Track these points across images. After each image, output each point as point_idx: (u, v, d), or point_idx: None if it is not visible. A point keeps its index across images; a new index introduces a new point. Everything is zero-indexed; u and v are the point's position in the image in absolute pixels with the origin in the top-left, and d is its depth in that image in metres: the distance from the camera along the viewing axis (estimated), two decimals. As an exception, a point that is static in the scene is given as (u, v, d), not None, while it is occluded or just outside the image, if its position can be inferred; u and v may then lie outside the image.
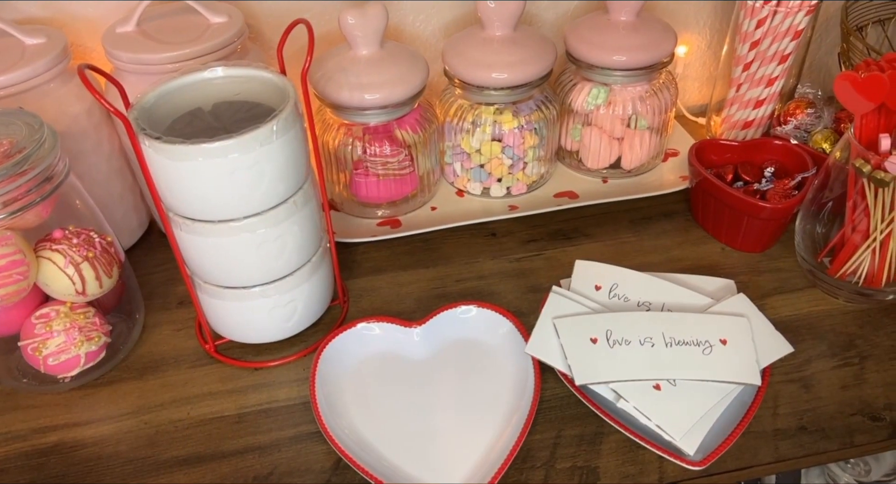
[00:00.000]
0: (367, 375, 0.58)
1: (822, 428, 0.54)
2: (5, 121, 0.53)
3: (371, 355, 0.59)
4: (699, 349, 0.55)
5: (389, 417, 0.55)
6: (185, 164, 0.48)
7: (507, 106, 0.71)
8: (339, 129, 0.69)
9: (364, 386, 0.57)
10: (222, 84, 0.55)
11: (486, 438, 0.53)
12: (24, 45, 0.61)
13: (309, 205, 0.56)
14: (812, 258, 0.65)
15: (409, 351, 0.60)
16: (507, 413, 0.55)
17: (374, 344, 0.60)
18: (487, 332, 0.60)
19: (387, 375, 0.58)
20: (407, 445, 0.53)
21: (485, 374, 0.58)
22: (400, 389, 0.57)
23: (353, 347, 0.59)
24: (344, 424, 0.54)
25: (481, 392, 0.56)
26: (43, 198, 0.52)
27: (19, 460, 0.54)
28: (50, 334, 0.55)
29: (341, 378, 0.57)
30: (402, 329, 0.60)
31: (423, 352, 0.60)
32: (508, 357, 0.58)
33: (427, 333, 0.60)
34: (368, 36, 0.65)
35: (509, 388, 0.56)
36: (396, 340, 0.60)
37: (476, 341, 0.60)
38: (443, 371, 0.58)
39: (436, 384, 0.57)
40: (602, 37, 0.71)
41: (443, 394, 0.57)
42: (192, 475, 0.52)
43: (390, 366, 0.59)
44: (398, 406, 0.56)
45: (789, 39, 0.72)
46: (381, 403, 0.56)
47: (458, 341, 0.60)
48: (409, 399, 0.56)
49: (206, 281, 0.57)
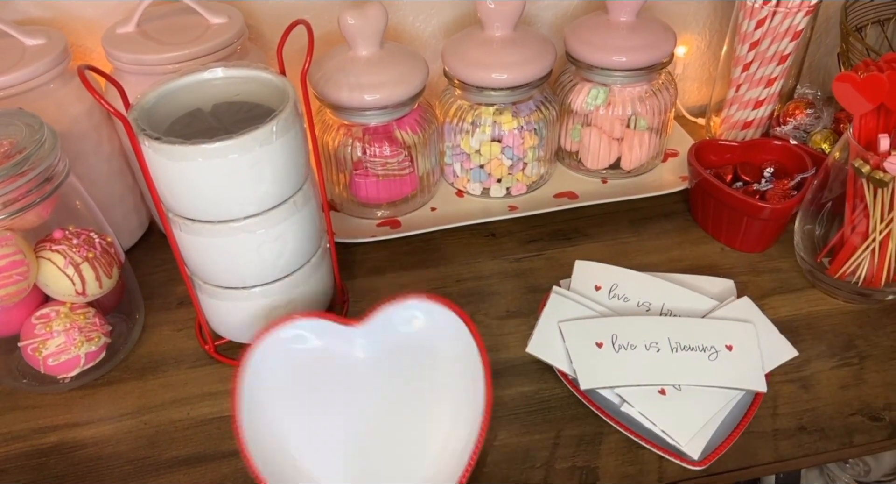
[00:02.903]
0: (299, 383, 0.52)
1: (822, 428, 0.54)
2: (5, 121, 0.53)
3: (304, 360, 0.52)
4: (705, 355, 0.55)
5: (322, 430, 0.51)
6: (185, 165, 0.48)
7: (506, 106, 0.71)
8: (338, 129, 0.69)
9: (295, 396, 0.52)
10: (222, 85, 0.55)
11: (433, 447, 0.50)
12: (25, 46, 0.61)
13: (309, 205, 0.56)
14: (811, 258, 0.65)
15: (347, 352, 0.52)
16: (453, 416, 0.51)
17: (308, 347, 0.52)
18: (433, 329, 0.52)
19: (322, 381, 0.52)
20: (346, 467, 0.50)
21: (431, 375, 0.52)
22: (335, 397, 0.52)
23: (281, 353, 0.52)
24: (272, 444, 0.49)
25: (427, 396, 0.52)
26: (43, 198, 0.52)
27: (19, 460, 0.54)
28: (50, 335, 0.55)
29: (269, 388, 0.51)
30: (339, 328, 0.52)
31: (363, 353, 0.52)
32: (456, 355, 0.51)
33: (367, 333, 0.52)
34: (368, 36, 0.65)
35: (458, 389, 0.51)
36: (333, 341, 0.52)
37: (421, 340, 0.52)
38: (384, 375, 0.53)
39: (376, 390, 0.52)
40: (602, 37, 0.71)
41: (384, 402, 0.52)
42: (193, 475, 0.52)
43: (326, 371, 0.52)
44: (333, 416, 0.51)
45: (789, 40, 0.72)
46: (314, 413, 0.51)
47: (400, 341, 0.52)
48: (345, 407, 0.52)
49: (206, 281, 0.57)
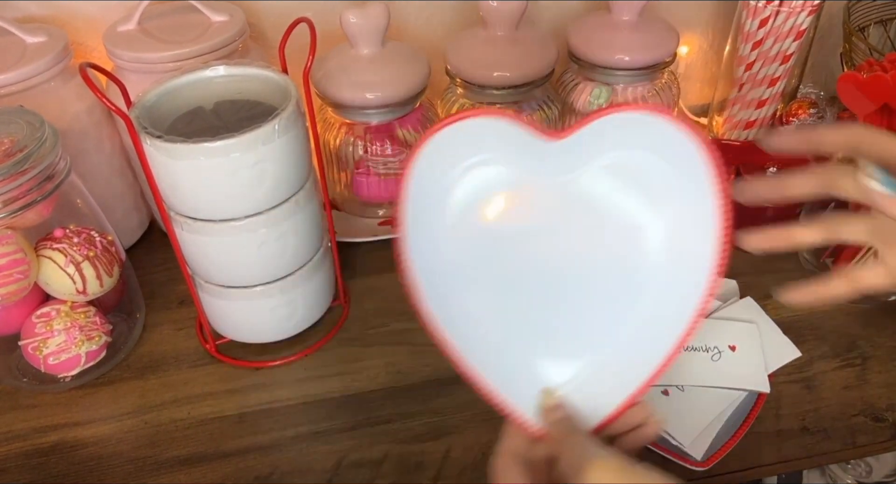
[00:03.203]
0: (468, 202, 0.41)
1: (825, 429, 0.54)
2: (6, 119, 0.53)
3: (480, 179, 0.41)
4: (708, 355, 0.55)
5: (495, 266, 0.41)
6: (187, 163, 0.48)
7: (508, 105, 0.71)
8: (340, 128, 0.69)
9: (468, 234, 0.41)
10: (224, 83, 0.55)
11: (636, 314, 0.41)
12: (25, 44, 0.61)
13: (310, 204, 0.56)
14: (815, 259, 0.64)
15: (539, 174, 0.41)
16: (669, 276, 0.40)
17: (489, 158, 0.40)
18: (656, 153, 0.39)
19: (499, 208, 0.41)
20: (519, 318, 0.42)
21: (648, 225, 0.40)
22: (518, 232, 0.41)
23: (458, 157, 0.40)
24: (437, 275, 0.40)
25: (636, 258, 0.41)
26: (44, 197, 0.52)
27: (20, 460, 0.54)
28: (50, 333, 0.55)
29: (436, 203, 0.40)
30: (529, 140, 0.39)
31: (559, 178, 0.41)
32: (684, 193, 0.39)
33: (570, 150, 0.40)
34: (370, 35, 0.65)
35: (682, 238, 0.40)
36: (519, 157, 0.40)
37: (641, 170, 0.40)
38: (587, 211, 0.41)
39: (571, 230, 0.41)
40: (604, 36, 0.71)
41: (579, 250, 0.41)
42: (193, 475, 0.52)
43: (510, 195, 0.41)
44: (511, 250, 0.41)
45: (792, 39, 0.72)
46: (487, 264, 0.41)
47: (609, 166, 0.40)
48: (528, 243, 0.41)
49: (207, 280, 0.57)
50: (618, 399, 0.41)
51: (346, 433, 0.55)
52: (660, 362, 0.40)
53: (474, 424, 0.55)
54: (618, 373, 0.41)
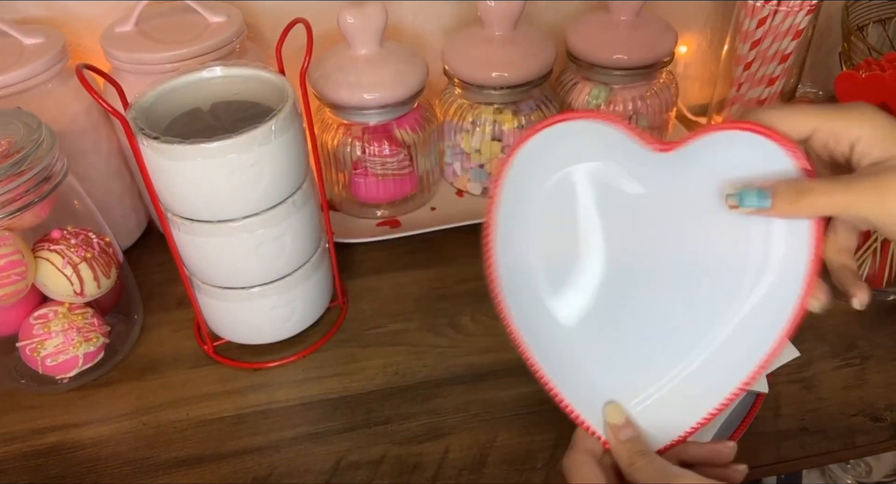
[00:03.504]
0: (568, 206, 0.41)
1: (824, 429, 0.54)
2: (3, 121, 0.53)
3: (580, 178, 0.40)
4: None
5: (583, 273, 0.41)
6: (184, 164, 0.48)
7: (507, 105, 0.71)
8: (338, 128, 0.69)
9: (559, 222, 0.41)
10: (221, 84, 0.54)
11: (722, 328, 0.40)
12: (23, 45, 0.61)
13: (308, 205, 0.56)
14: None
15: (643, 183, 0.40)
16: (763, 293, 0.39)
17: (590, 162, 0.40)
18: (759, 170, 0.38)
19: (599, 215, 0.41)
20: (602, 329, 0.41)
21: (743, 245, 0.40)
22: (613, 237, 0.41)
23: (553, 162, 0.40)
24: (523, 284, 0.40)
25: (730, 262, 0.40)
26: (41, 198, 0.52)
27: (18, 461, 0.54)
28: (48, 335, 0.55)
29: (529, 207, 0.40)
30: (635, 148, 0.39)
31: (663, 189, 0.40)
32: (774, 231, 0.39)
33: (676, 162, 0.39)
34: (367, 35, 0.65)
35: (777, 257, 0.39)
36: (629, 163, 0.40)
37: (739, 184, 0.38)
38: (678, 230, 0.41)
39: (663, 249, 0.41)
40: (603, 36, 0.70)
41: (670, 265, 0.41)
42: (191, 476, 0.52)
43: (606, 203, 0.41)
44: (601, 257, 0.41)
45: (790, 39, 0.72)
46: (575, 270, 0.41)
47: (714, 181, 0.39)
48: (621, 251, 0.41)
49: (205, 281, 0.57)
50: (690, 421, 0.40)
51: (344, 434, 0.55)
52: (737, 386, 0.40)
53: (472, 424, 0.55)
54: (694, 394, 0.41)
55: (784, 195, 0.36)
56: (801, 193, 0.36)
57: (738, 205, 0.37)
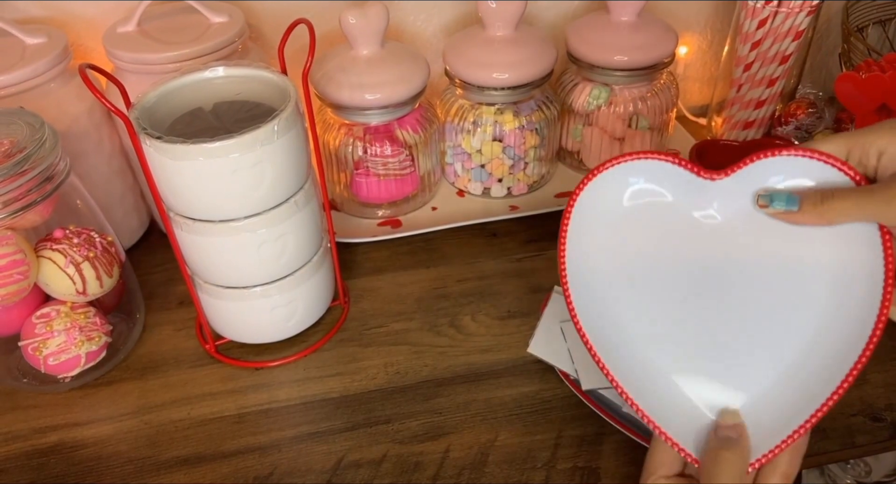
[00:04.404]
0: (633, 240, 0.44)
1: (823, 429, 0.54)
2: (6, 120, 0.53)
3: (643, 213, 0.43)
4: None
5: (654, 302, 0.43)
6: (186, 164, 0.48)
7: (508, 106, 0.71)
8: (339, 129, 0.69)
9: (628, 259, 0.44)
10: (223, 84, 0.55)
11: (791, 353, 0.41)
12: (25, 45, 0.61)
13: (310, 205, 0.56)
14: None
15: (701, 213, 0.43)
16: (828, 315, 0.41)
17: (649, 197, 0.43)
18: None
19: (663, 245, 0.43)
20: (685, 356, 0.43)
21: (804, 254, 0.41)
22: (679, 267, 0.43)
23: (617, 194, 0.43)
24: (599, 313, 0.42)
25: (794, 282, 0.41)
26: (43, 197, 0.52)
27: (19, 460, 0.54)
28: (50, 334, 0.55)
29: (598, 240, 0.43)
30: (695, 180, 0.42)
31: (719, 216, 0.43)
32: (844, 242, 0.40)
33: (731, 190, 0.42)
34: (369, 36, 0.65)
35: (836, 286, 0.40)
36: (685, 194, 0.43)
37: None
38: (747, 247, 0.42)
39: (735, 265, 0.42)
40: (603, 37, 0.71)
41: (744, 281, 0.42)
42: (193, 475, 0.52)
43: (671, 232, 0.43)
44: (674, 293, 0.43)
45: (790, 40, 0.72)
46: (649, 287, 0.43)
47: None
48: (691, 283, 0.43)
49: (207, 281, 0.57)
50: (777, 438, 0.41)
51: (345, 433, 0.55)
52: (826, 397, 0.40)
53: (473, 423, 0.55)
54: (781, 407, 0.41)
55: (810, 199, 0.38)
56: (826, 199, 0.38)
57: (768, 205, 0.40)
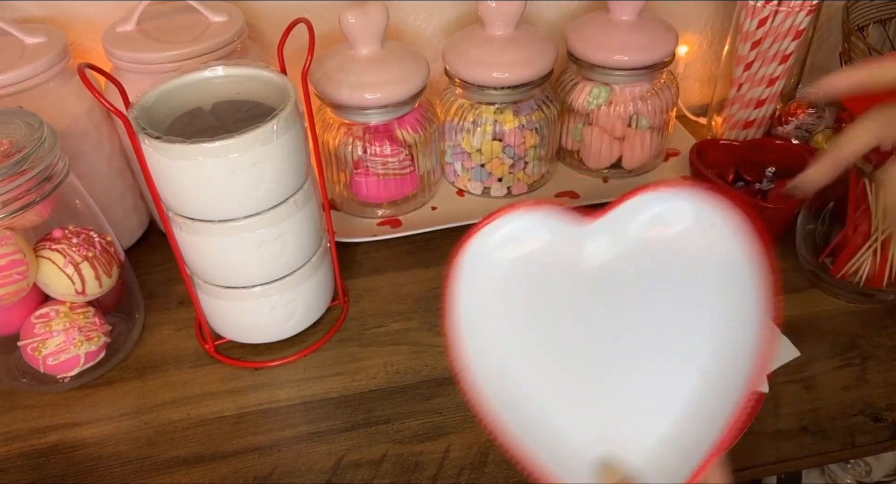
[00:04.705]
0: (516, 292, 0.41)
1: (824, 428, 0.54)
2: (5, 120, 0.53)
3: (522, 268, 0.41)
4: None
5: (546, 354, 0.41)
6: (186, 164, 0.48)
7: (507, 105, 0.71)
8: (339, 128, 0.69)
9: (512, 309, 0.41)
10: (222, 83, 0.55)
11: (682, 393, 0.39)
12: (24, 44, 0.61)
13: (309, 204, 0.56)
14: (813, 258, 0.64)
15: (580, 257, 0.41)
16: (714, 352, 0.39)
17: (525, 251, 0.42)
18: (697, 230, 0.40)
19: (546, 293, 0.42)
20: (573, 404, 0.40)
21: (689, 293, 0.40)
22: (562, 315, 0.42)
23: (499, 252, 0.41)
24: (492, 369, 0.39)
25: (682, 326, 0.40)
26: (42, 197, 0.52)
27: (19, 460, 0.54)
28: (49, 334, 0.55)
29: (486, 297, 0.41)
30: (567, 225, 0.41)
31: (598, 258, 0.41)
32: (728, 270, 0.40)
33: (606, 232, 0.41)
34: (369, 35, 0.65)
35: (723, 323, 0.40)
36: (563, 240, 0.41)
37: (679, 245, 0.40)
38: (628, 289, 0.41)
39: (615, 308, 0.41)
40: (603, 36, 0.71)
41: (626, 325, 0.41)
42: (192, 475, 0.52)
43: (553, 279, 0.42)
44: (560, 341, 0.41)
45: (790, 39, 0.72)
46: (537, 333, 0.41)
47: (650, 245, 0.41)
48: (574, 328, 0.41)
49: (206, 281, 0.57)
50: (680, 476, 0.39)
51: (344, 433, 0.55)
52: (719, 435, 0.39)
53: (473, 424, 0.55)
54: (676, 449, 0.40)
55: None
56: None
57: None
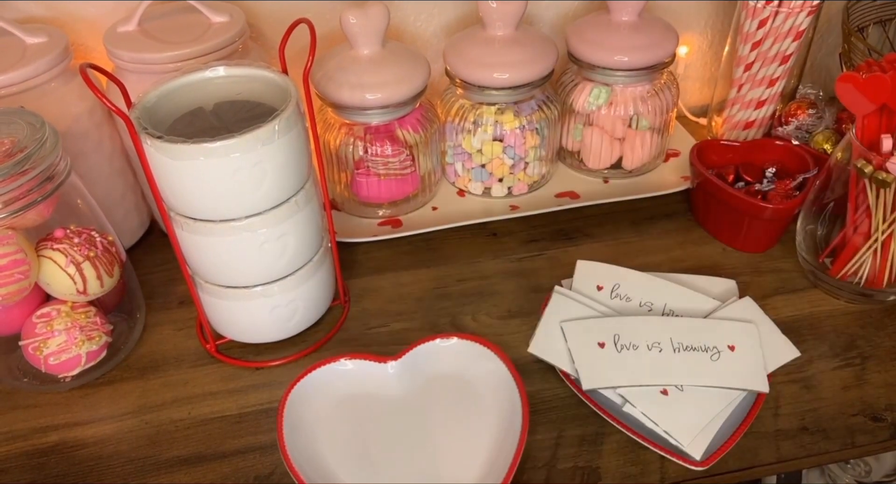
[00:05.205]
0: (340, 417, 0.54)
1: (824, 428, 0.54)
2: (7, 120, 0.53)
3: (343, 396, 0.55)
4: (707, 355, 0.55)
5: (365, 463, 0.51)
6: (187, 164, 0.48)
7: (508, 106, 0.71)
8: (340, 128, 0.69)
9: (337, 429, 0.54)
10: (224, 83, 0.55)
11: (472, 477, 0.50)
12: (26, 45, 0.61)
13: (310, 204, 0.56)
14: (813, 259, 0.65)
15: (384, 388, 0.56)
16: (490, 455, 0.51)
17: (345, 383, 0.55)
18: (470, 365, 0.56)
19: (361, 415, 0.54)
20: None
21: (468, 412, 0.54)
22: (376, 431, 0.53)
23: (322, 388, 0.55)
24: (319, 472, 0.51)
25: (463, 433, 0.53)
26: (44, 197, 0.52)
27: (20, 460, 0.54)
28: (51, 334, 0.55)
29: (312, 423, 0.53)
30: (375, 365, 0.56)
31: (400, 389, 0.56)
32: (494, 392, 0.54)
33: (403, 368, 0.56)
34: (370, 35, 0.65)
35: (494, 426, 0.52)
36: (370, 377, 0.56)
37: (456, 376, 0.56)
38: (421, 409, 0.55)
39: (414, 424, 0.54)
40: (604, 37, 0.71)
41: (427, 434, 0.53)
42: (193, 475, 0.52)
43: (364, 405, 0.55)
44: (375, 449, 0.52)
45: (791, 40, 0.72)
46: (357, 447, 0.52)
47: (436, 376, 0.56)
48: (386, 441, 0.53)
49: (208, 280, 0.57)
50: None
51: (345, 433, 0.55)
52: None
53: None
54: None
55: None
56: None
57: None
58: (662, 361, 0.55)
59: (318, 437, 0.53)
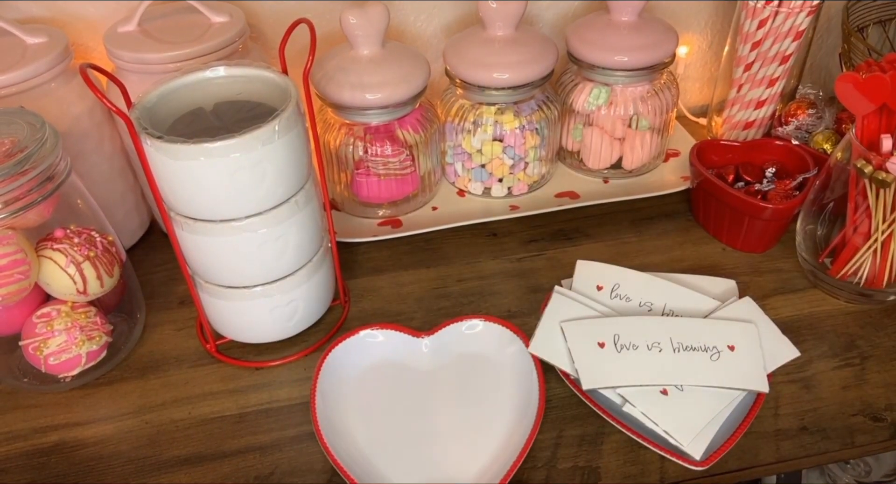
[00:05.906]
0: (370, 385, 0.57)
1: (823, 428, 0.54)
2: (7, 120, 0.53)
3: (374, 364, 0.58)
4: (707, 355, 0.55)
5: (392, 431, 0.54)
6: (187, 164, 0.48)
7: (508, 106, 0.71)
8: (340, 128, 0.69)
9: (366, 396, 0.57)
10: (224, 84, 0.55)
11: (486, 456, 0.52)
12: (26, 45, 0.61)
13: (310, 205, 0.56)
14: (813, 259, 0.65)
15: (414, 361, 0.59)
16: (508, 430, 0.53)
17: (377, 353, 0.59)
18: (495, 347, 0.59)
19: (390, 385, 0.57)
20: (409, 461, 0.52)
21: (490, 389, 0.57)
22: (403, 401, 0.56)
23: (356, 355, 0.58)
24: (344, 437, 0.53)
25: (485, 408, 0.55)
26: (44, 197, 0.52)
27: (20, 460, 0.54)
28: (51, 334, 0.55)
29: (343, 387, 0.57)
30: (408, 338, 0.59)
31: (430, 363, 0.59)
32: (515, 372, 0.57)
33: (435, 344, 0.59)
34: (370, 36, 0.65)
35: (513, 405, 0.55)
36: (402, 349, 0.59)
37: (483, 356, 0.59)
38: (448, 384, 0.57)
39: (440, 398, 0.56)
40: (603, 37, 0.71)
41: (447, 408, 0.56)
42: (194, 475, 0.52)
43: (394, 376, 0.58)
44: (401, 419, 0.55)
45: (790, 40, 0.72)
46: (384, 415, 0.55)
47: (464, 355, 0.59)
48: (412, 411, 0.55)
49: (208, 280, 0.57)
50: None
51: (345, 433, 0.55)
52: None
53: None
54: None
55: None
56: None
57: None
58: (662, 360, 0.55)
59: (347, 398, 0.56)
